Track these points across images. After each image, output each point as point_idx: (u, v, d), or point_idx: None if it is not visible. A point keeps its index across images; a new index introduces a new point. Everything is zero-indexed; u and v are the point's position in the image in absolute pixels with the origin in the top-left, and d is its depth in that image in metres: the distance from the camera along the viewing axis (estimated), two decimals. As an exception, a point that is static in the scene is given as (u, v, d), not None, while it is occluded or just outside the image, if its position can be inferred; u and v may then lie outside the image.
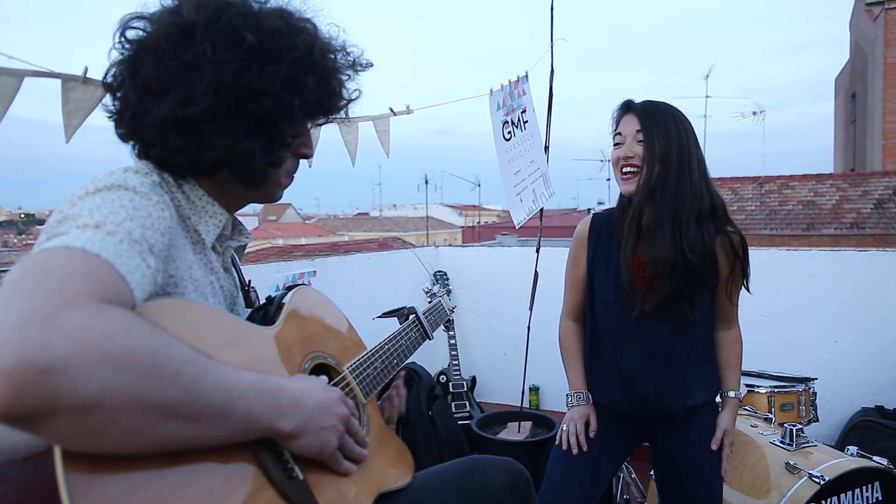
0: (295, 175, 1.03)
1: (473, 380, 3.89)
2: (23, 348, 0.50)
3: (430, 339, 1.47)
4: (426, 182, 19.37)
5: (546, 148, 3.01)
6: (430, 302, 1.56)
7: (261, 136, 0.89)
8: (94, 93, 1.64)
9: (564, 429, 1.76)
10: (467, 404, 3.61)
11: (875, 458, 1.88)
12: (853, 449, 1.94)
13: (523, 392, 3.31)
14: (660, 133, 1.54)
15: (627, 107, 1.62)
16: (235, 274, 1.02)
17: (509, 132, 2.85)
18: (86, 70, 1.61)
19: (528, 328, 3.08)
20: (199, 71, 0.82)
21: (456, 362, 3.69)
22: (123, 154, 0.92)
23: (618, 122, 1.63)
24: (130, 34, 0.86)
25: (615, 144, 1.62)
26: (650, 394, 1.67)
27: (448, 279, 4.01)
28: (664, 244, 1.53)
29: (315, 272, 3.09)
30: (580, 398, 1.78)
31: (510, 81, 2.85)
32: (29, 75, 1.52)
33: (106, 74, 0.89)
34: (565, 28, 2.90)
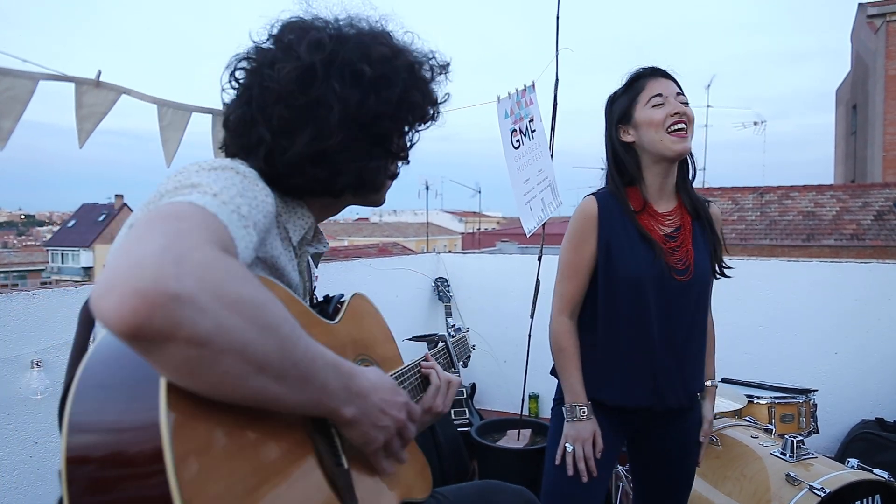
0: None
1: (473, 387, 3.88)
2: (160, 275, 0.55)
3: (454, 369, 1.47)
4: (427, 188, 19.38)
5: (550, 156, 3.02)
6: (454, 336, 1.54)
7: (382, 153, 0.98)
8: (107, 96, 1.64)
9: (569, 450, 1.57)
10: (467, 411, 3.60)
11: (875, 470, 1.88)
12: (854, 461, 1.94)
13: (523, 399, 3.30)
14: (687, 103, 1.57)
15: (661, 71, 1.59)
16: (306, 279, 1.06)
17: (518, 140, 2.86)
18: (98, 74, 1.61)
19: (529, 335, 3.08)
20: (328, 107, 0.89)
21: (455, 369, 3.68)
22: (126, 155, 0.93)
23: (645, 83, 1.58)
24: (240, 74, 0.94)
25: (655, 105, 1.54)
26: (677, 378, 1.58)
27: (449, 286, 4.01)
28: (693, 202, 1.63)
29: (317, 277, 3.09)
30: (584, 412, 1.57)
31: (517, 90, 2.87)
32: (43, 79, 1.52)
33: (227, 118, 0.96)
34: (566, 35, 2.90)
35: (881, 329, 3.25)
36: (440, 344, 1.45)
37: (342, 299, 1.10)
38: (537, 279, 3.05)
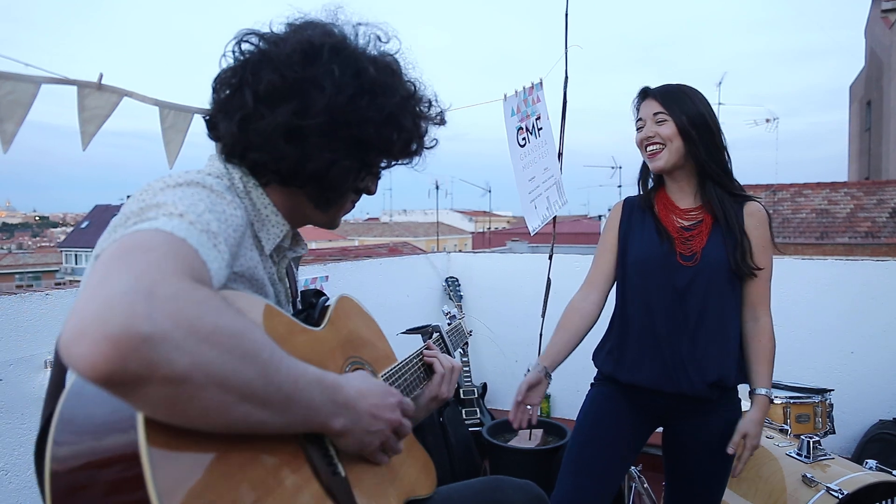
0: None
1: (484, 386, 3.87)
2: (130, 317, 0.53)
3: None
4: (437, 187, 19.41)
5: (560, 155, 3.00)
6: (450, 323, 1.59)
7: (357, 159, 0.95)
8: (109, 99, 1.65)
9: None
10: (478, 411, 3.59)
11: (895, 472, 1.85)
12: (872, 462, 1.91)
13: (534, 399, 3.29)
14: (679, 108, 1.64)
15: (644, 93, 1.71)
16: (288, 284, 1.05)
17: (524, 138, 2.84)
18: (100, 77, 1.62)
19: (541, 335, 3.06)
20: (320, 87, 0.88)
21: (467, 369, 3.68)
22: (133, 158, 0.93)
23: (638, 109, 1.73)
24: (246, 46, 0.93)
25: (638, 129, 1.70)
26: (691, 363, 1.61)
27: (459, 285, 4.00)
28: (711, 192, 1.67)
29: (327, 277, 3.10)
30: (529, 369, 1.74)
31: (524, 88, 2.85)
32: (45, 82, 1.52)
33: (216, 80, 0.94)
34: (574, 34, 2.89)
35: (898, 328, 3.21)
36: (434, 335, 1.46)
37: (328, 303, 1.09)
38: (548, 278, 3.03)
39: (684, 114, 1.63)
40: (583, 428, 1.76)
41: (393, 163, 1.03)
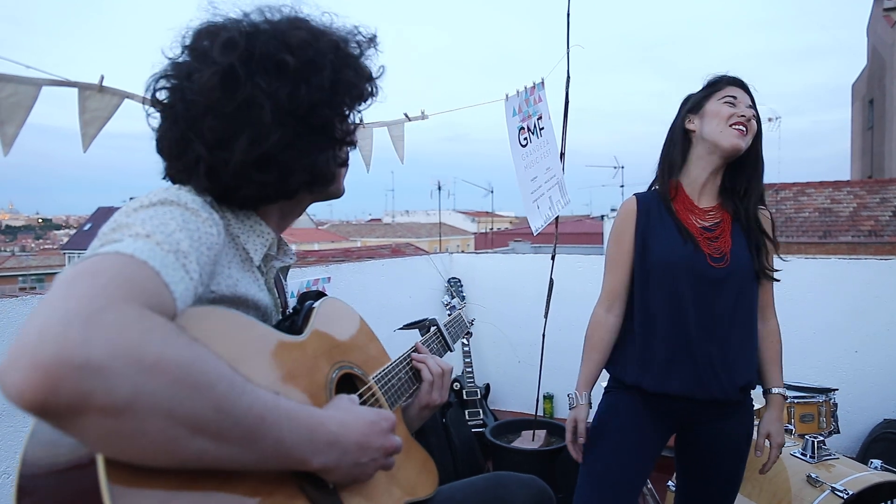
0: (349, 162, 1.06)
1: (487, 387, 3.87)
2: (63, 344, 0.51)
3: (451, 351, 1.47)
4: (439, 188, 19.35)
5: (562, 155, 2.99)
6: (449, 314, 1.56)
7: (327, 143, 0.93)
8: (111, 101, 1.65)
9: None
10: (481, 412, 3.58)
11: (900, 471, 1.84)
12: (877, 462, 1.90)
13: (538, 400, 3.28)
14: (758, 120, 1.64)
15: (739, 82, 1.67)
16: (277, 295, 1.02)
17: (525, 138, 2.83)
18: (101, 79, 1.62)
19: (543, 335, 3.05)
20: (258, 106, 0.83)
21: (469, 370, 3.67)
22: (137, 160, 0.92)
23: (724, 85, 1.67)
24: (162, 94, 0.88)
25: (727, 102, 1.63)
26: (721, 366, 1.57)
27: (462, 286, 4.00)
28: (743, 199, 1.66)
29: (329, 278, 3.09)
30: (579, 401, 1.70)
31: (526, 87, 2.84)
32: (46, 84, 1.52)
33: (158, 142, 0.90)
34: (575, 34, 2.89)
35: (903, 327, 3.19)
36: (432, 328, 1.43)
37: (313, 305, 1.04)
38: (551, 279, 3.02)
39: (760, 126, 1.65)
40: (604, 440, 1.69)
41: (361, 112, 1.00)
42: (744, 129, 1.60)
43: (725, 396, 1.58)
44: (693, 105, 1.69)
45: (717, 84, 1.68)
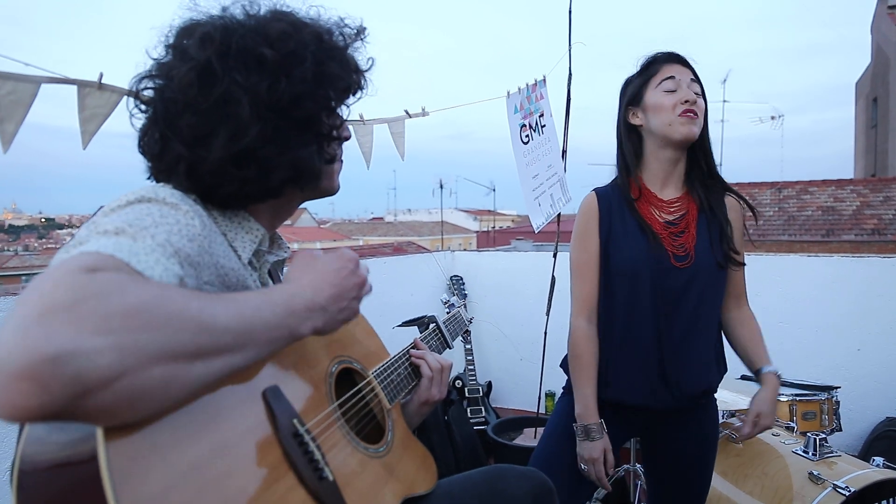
0: (343, 158, 1.05)
1: (489, 385, 3.87)
2: (27, 346, 0.50)
3: (450, 348, 1.47)
4: (441, 187, 19.34)
5: (563, 153, 2.99)
6: (448, 312, 1.55)
7: (311, 138, 0.90)
8: (110, 98, 1.65)
9: (583, 470, 1.56)
10: (483, 409, 3.59)
11: (902, 469, 1.84)
12: (879, 460, 1.90)
13: (540, 397, 3.29)
14: (703, 89, 1.55)
15: (676, 57, 1.56)
16: None
17: (527, 136, 2.83)
18: (101, 76, 1.62)
19: (545, 333, 3.06)
20: (235, 102, 0.82)
21: (472, 367, 3.67)
22: (139, 159, 0.92)
23: (659, 67, 1.56)
24: (147, 93, 0.87)
25: (667, 90, 1.52)
26: (673, 377, 1.53)
27: (464, 284, 4.00)
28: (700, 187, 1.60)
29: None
30: (596, 432, 1.53)
31: (528, 85, 2.84)
32: (45, 82, 1.52)
33: (140, 142, 0.89)
34: (577, 31, 2.86)
35: (905, 325, 3.19)
36: (431, 325, 1.43)
37: None
38: (552, 276, 3.02)
39: (706, 97, 1.55)
40: (559, 442, 1.62)
41: (349, 106, 0.98)
42: (692, 113, 1.50)
43: (681, 405, 1.56)
44: (632, 97, 1.59)
45: (652, 66, 1.57)
